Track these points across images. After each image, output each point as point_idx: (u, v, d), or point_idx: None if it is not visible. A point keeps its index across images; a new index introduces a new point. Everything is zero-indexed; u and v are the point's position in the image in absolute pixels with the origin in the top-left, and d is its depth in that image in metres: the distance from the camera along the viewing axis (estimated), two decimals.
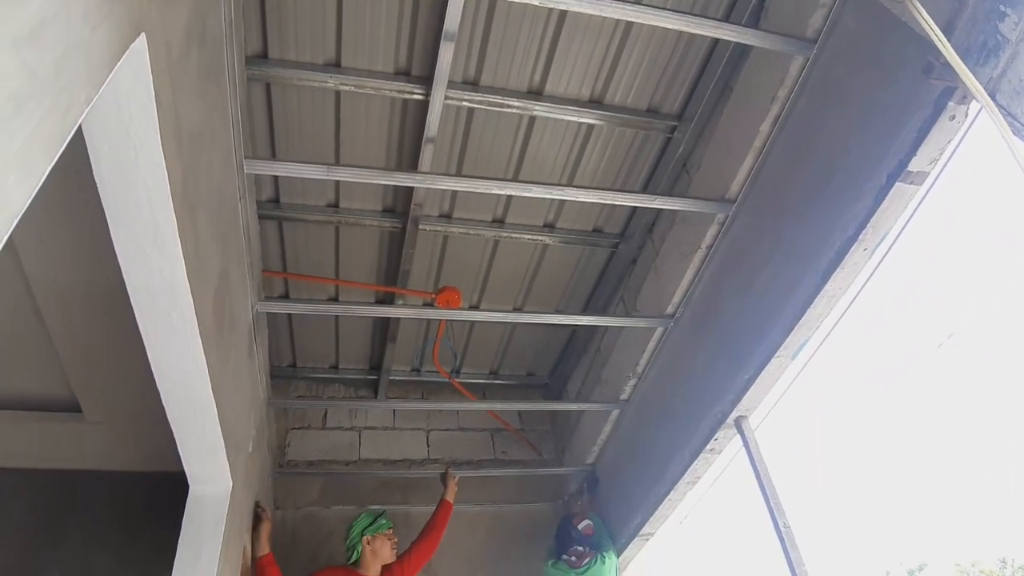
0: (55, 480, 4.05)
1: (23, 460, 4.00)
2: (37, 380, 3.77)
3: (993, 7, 1.92)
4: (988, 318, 4.71)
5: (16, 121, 1.00)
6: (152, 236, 1.87)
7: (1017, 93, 1.91)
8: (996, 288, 7.26)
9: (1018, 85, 1.90)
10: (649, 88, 3.37)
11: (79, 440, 4.02)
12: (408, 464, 4.86)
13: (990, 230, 24.34)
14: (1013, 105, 1.92)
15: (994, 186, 5.20)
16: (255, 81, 3.02)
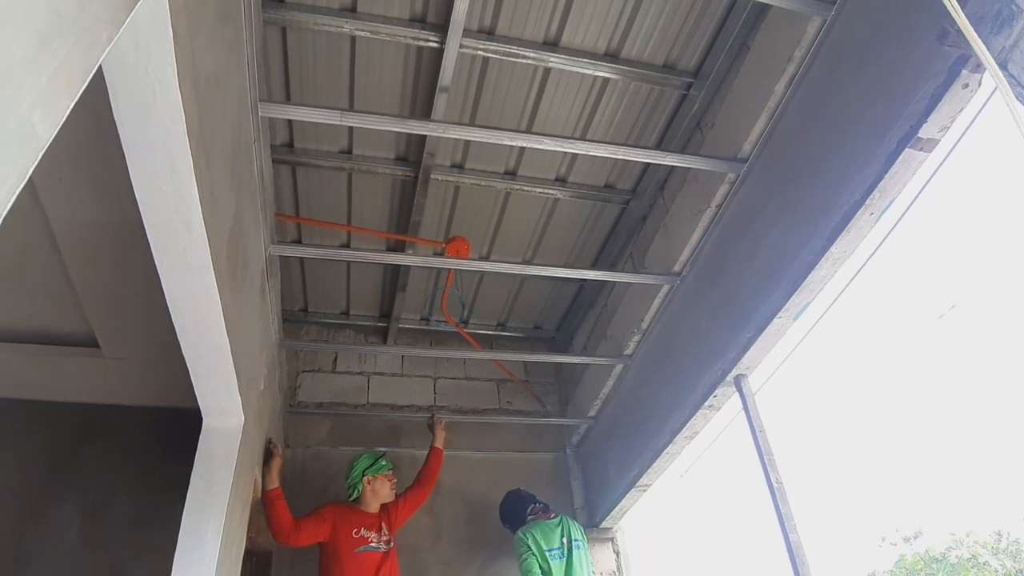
0: (73, 412, 4.16)
1: (42, 392, 4.11)
2: (55, 316, 3.85)
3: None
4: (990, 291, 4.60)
5: (42, 58, 1.04)
6: (168, 174, 1.92)
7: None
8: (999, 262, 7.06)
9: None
10: (666, 43, 3.33)
11: (96, 374, 4.12)
12: (415, 409, 4.98)
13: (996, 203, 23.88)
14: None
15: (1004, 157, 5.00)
16: (271, 24, 3.02)
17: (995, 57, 1.98)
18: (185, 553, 2.65)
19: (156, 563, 3.36)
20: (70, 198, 3.35)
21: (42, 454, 4.02)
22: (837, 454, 29.62)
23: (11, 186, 1.00)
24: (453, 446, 4.84)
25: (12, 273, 3.61)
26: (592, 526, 4.70)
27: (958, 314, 7.86)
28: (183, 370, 2.70)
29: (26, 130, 1.02)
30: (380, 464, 3.86)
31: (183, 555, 2.63)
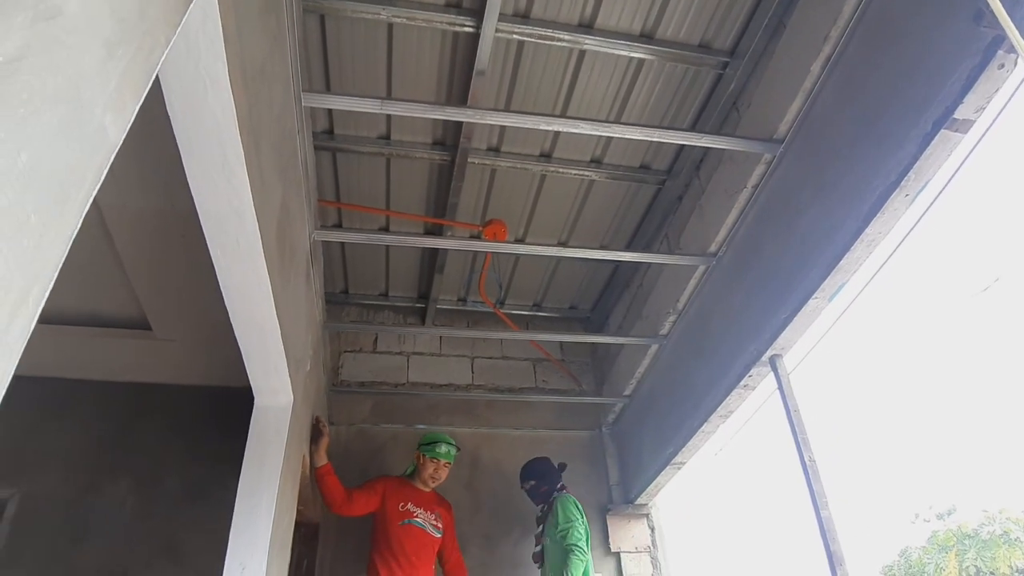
0: (128, 391, 4.36)
1: (97, 372, 4.30)
2: (109, 300, 4.02)
3: None
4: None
5: (110, 64, 1.12)
6: (221, 166, 2.02)
7: None
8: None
9: None
10: (702, 23, 3.32)
11: (149, 355, 4.30)
12: (453, 388, 5.10)
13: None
14: None
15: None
16: (310, 13, 3.09)
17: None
18: (241, 525, 2.78)
19: (206, 534, 3.54)
20: (119, 186, 3.49)
21: (98, 430, 4.22)
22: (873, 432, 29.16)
23: (90, 186, 1.09)
24: (491, 423, 4.96)
25: (66, 259, 3.79)
26: (627, 502, 4.77)
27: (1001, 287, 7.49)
28: (231, 350, 2.83)
29: (100, 135, 1.10)
30: (437, 449, 3.98)
31: (239, 527, 2.77)
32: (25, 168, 0.91)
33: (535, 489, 4.23)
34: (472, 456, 4.76)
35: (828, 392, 12.67)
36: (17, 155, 0.89)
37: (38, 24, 0.92)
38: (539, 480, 4.25)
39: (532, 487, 4.26)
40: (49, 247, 0.99)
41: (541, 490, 4.21)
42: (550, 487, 4.21)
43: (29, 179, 0.92)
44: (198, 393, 4.42)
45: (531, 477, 4.28)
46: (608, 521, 4.74)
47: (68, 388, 4.21)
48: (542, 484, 4.22)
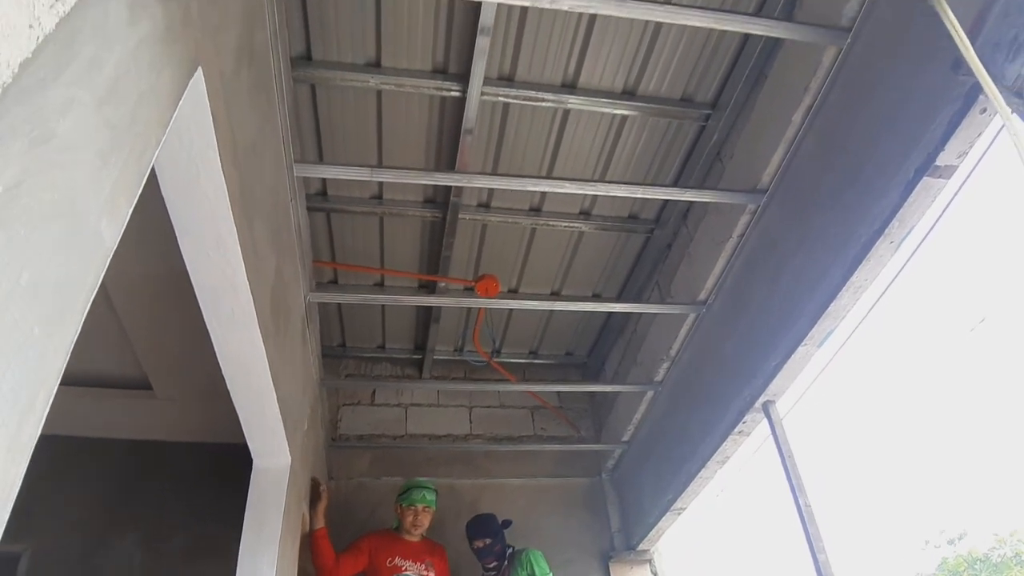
0: (132, 449, 4.46)
1: (101, 431, 4.39)
2: (111, 360, 4.09)
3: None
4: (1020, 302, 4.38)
5: (103, 172, 1.17)
6: (215, 243, 2.07)
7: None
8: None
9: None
10: (683, 78, 3.42)
11: (151, 414, 4.38)
12: (452, 439, 5.09)
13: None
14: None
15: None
16: (300, 83, 3.19)
17: (1010, 85, 1.97)
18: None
19: None
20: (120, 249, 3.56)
21: (105, 487, 4.29)
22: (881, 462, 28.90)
23: (88, 291, 1.13)
24: (490, 473, 4.95)
25: None
26: (629, 548, 4.74)
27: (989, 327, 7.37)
28: (231, 408, 2.86)
29: (96, 241, 1.15)
30: (411, 495, 3.99)
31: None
32: (28, 285, 0.95)
33: (489, 548, 4.12)
34: (473, 507, 4.72)
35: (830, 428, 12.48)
36: (20, 274, 0.94)
37: (34, 149, 0.97)
38: (494, 538, 4.16)
39: (487, 545, 4.13)
40: (53, 355, 1.03)
41: (495, 548, 4.12)
42: (502, 545, 4.16)
43: (32, 295, 0.96)
44: (200, 451, 4.47)
45: (488, 535, 4.16)
46: (611, 568, 4.69)
47: (75, 446, 4.27)
48: (496, 542, 4.15)
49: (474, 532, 4.18)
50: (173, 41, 1.41)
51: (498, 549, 4.11)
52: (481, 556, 4.12)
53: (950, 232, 6.50)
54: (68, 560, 3.96)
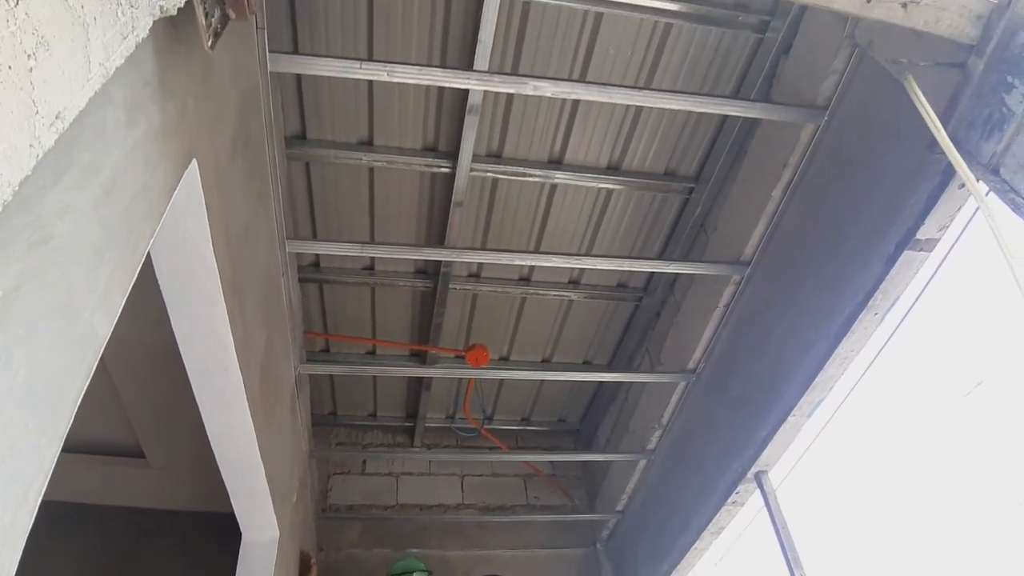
0: (126, 516, 4.46)
1: (94, 497, 4.41)
2: (105, 429, 4.11)
3: (1000, 79, 1.87)
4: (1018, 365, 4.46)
5: (98, 269, 1.21)
6: (206, 324, 2.10)
7: (1021, 167, 1.84)
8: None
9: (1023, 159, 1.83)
10: (665, 153, 3.52)
11: (143, 482, 4.38)
12: (443, 509, 5.02)
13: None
14: (1016, 180, 1.83)
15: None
16: (295, 160, 3.28)
17: (985, 162, 1.96)
18: None
19: None
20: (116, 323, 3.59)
21: (101, 553, 4.29)
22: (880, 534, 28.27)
23: (82, 382, 1.15)
24: (483, 545, 4.86)
25: None
26: None
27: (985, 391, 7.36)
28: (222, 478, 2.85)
29: (89, 335, 1.18)
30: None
31: None
32: (24, 382, 0.98)
33: None
34: None
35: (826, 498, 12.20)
36: (17, 372, 0.96)
37: (33, 252, 1.01)
38: None
39: None
40: (46, 447, 1.05)
41: None
42: None
43: (28, 391, 0.99)
44: (193, 518, 4.49)
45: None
46: None
47: (72, 512, 4.28)
48: None
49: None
50: (169, 138, 1.46)
51: None
52: None
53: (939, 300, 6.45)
54: None
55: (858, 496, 4.33)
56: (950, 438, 3.81)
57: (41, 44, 0.82)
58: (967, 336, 3.79)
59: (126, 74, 1.19)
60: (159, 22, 1.20)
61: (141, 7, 1.08)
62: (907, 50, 2.17)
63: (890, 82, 2.40)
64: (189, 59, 1.54)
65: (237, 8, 1.37)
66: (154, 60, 1.33)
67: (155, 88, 1.36)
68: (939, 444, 4.02)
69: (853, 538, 4.51)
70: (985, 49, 1.82)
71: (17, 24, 0.76)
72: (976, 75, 1.91)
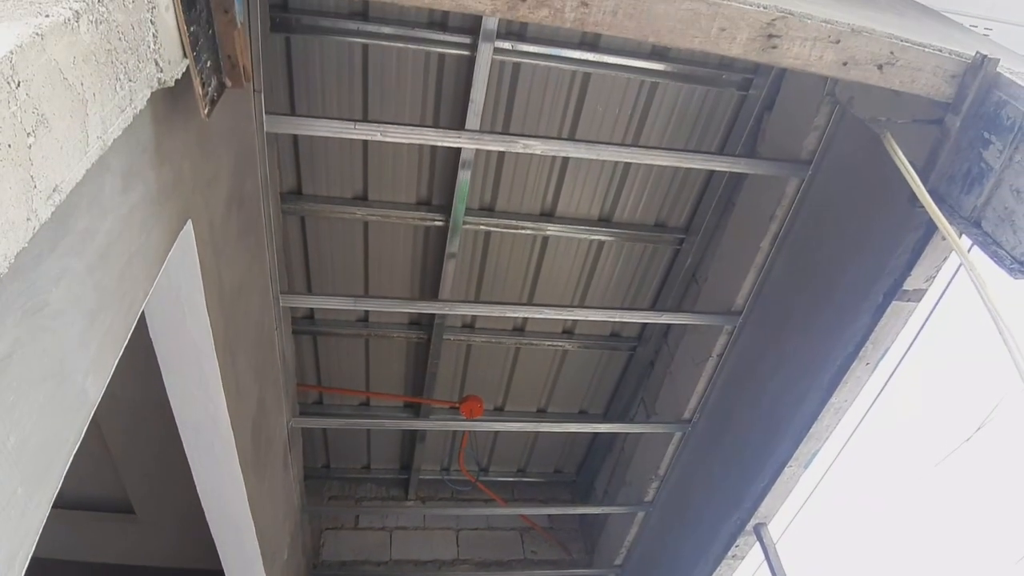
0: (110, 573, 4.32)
1: (82, 554, 4.30)
2: (94, 484, 4.04)
3: (977, 135, 1.91)
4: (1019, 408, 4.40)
5: (91, 332, 1.21)
6: (198, 381, 2.10)
7: (1001, 221, 1.87)
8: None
9: (1003, 213, 1.87)
10: (655, 205, 3.58)
11: (132, 538, 4.29)
12: (438, 565, 4.92)
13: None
14: (998, 233, 1.88)
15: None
16: (290, 215, 3.32)
17: (967, 215, 2.00)
18: None
19: None
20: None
21: None
22: None
23: (71, 446, 1.15)
24: None
25: None
26: None
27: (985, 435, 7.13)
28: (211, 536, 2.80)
29: (80, 398, 1.18)
30: None
31: None
32: (13, 448, 0.98)
33: None
34: None
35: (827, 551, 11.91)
36: (7, 438, 0.96)
37: (27, 320, 1.02)
38: None
39: None
40: (34, 512, 1.05)
41: None
42: None
43: (17, 457, 0.98)
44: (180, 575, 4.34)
45: None
46: None
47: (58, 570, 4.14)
48: None
49: None
50: (165, 201, 1.49)
51: None
52: None
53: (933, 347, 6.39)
54: None
55: (858, 547, 4.27)
56: (950, 488, 3.79)
57: (41, 122, 0.85)
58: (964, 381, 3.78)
59: (124, 144, 1.22)
60: (156, 92, 1.23)
61: (139, 80, 1.12)
62: (886, 108, 2.23)
63: (871, 137, 2.44)
64: (186, 125, 1.58)
65: (234, 78, 1.42)
66: (151, 128, 1.36)
67: (152, 154, 1.39)
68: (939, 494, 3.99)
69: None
70: (961, 107, 1.87)
71: (18, 104, 0.79)
72: (954, 131, 1.95)
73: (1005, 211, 1.85)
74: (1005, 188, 1.85)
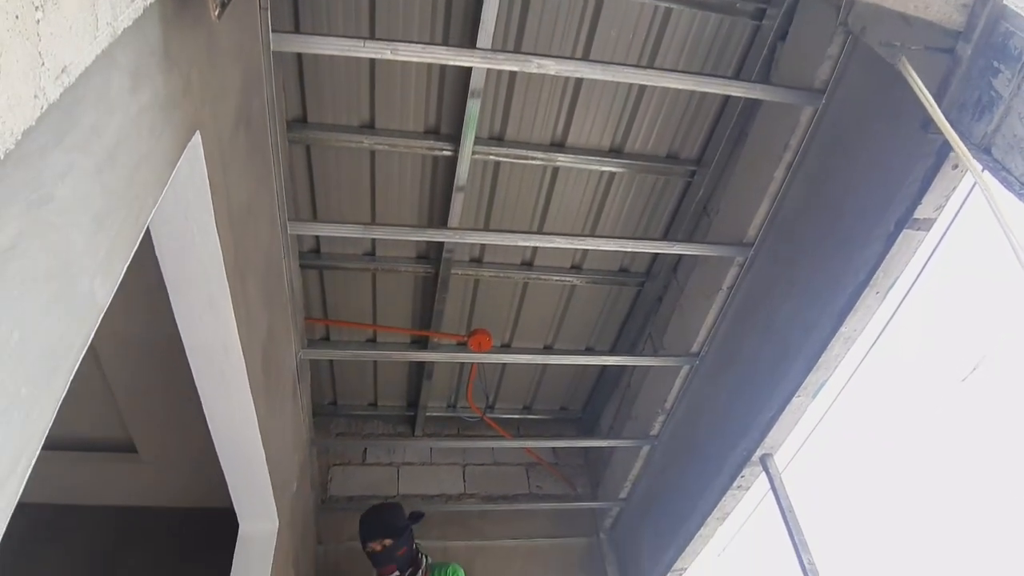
0: (115, 515, 4.32)
1: (83, 497, 4.27)
2: (96, 423, 4.02)
3: (987, 63, 1.92)
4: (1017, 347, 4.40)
5: (99, 235, 1.18)
6: (208, 303, 2.08)
7: (1011, 148, 1.90)
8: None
9: (1012, 140, 1.87)
10: (667, 136, 3.50)
11: (135, 478, 4.28)
12: (445, 499, 5.00)
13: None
14: (1008, 159, 1.93)
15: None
16: (296, 144, 3.25)
17: (977, 143, 2.04)
18: None
19: None
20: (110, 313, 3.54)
21: (87, 555, 4.15)
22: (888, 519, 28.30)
23: (78, 351, 1.13)
24: (485, 535, 4.84)
25: None
26: None
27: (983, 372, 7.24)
28: (216, 472, 2.82)
29: (88, 301, 1.16)
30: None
31: None
32: (17, 345, 0.95)
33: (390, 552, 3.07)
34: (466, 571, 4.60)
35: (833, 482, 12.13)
36: (10, 335, 0.94)
37: (32, 212, 0.98)
38: (398, 538, 3.12)
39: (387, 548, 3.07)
40: (38, 417, 1.02)
41: (399, 552, 3.10)
42: (410, 547, 3.18)
43: (20, 356, 0.96)
44: (185, 516, 4.37)
45: (388, 533, 3.12)
46: None
47: (57, 513, 4.17)
48: (401, 543, 3.12)
49: (369, 531, 3.19)
50: (173, 108, 1.44)
51: (403, 554, 3.13)
52: (379, 563, 3.15)
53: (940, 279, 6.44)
54: None
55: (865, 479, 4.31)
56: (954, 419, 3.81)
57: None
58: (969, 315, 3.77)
59: (132, 39, 1.17)
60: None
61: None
62: (898, 36, 2.21)
63: (883, 67, 2.42)
64: (194, 31, 1.52)
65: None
66: (160, 28, 1.31)
67: (160, 57, 1.34)
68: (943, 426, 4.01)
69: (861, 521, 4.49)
70: (972, 36, 1.87)
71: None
72: (965, 60, 1.96)
73: (1014, 138, 1.88)
74: (1014, 116, 1.86)
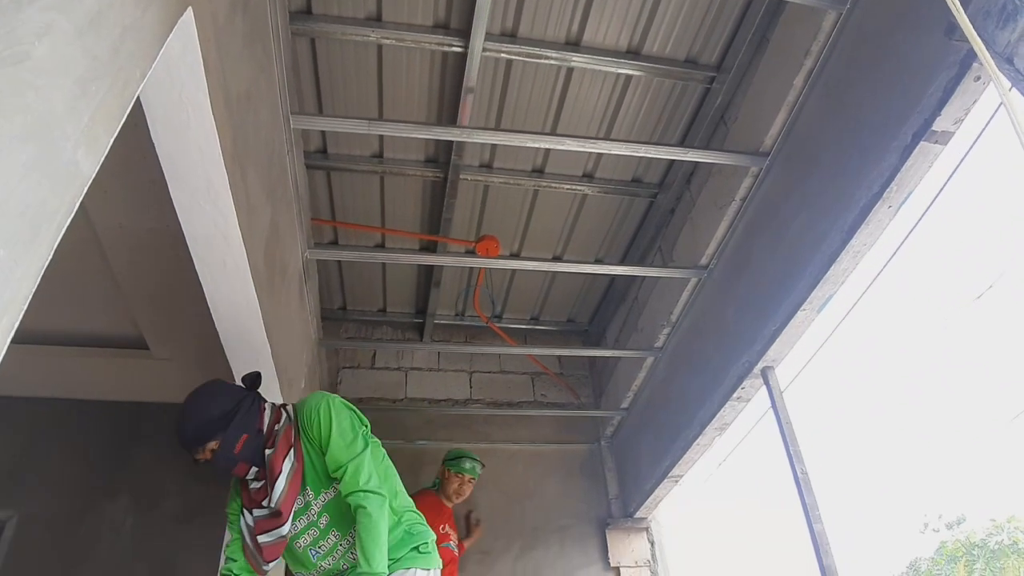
0: (124, 411, 4.35)
1: (94, 392, 4.31)
2: (106, 319, 4.05)
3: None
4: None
5: (82, 101, 1.15)
6: (205, 190, 2.06)
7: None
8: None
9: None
10: (687, 38, 3.35)
11: (146, 374, 4.33)
12: (451, 403, 5.11)
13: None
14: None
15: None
16: (300, 36, 3.14)
17: (1000, 51, 1.98)
18: None
19: (204, 553, 3.57)
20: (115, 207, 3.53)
21: (95, 451, 4.20)
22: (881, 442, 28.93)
23: (61, 220, 1.12)
24: (489, 438, 4.97)
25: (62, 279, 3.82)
26: (627, 516, 4.77)
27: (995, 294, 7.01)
28: (227, 368, 2.86)
29: (71, 169, 1.13)
30: (462, 465, 3.99)
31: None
32: None
33: (225, 451, 2.23)
34: None
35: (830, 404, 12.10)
36: None
37: (5, 69, 0.95)
38: (223, 432, 2.26)
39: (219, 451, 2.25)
40: (20, 280, 1.02)
41: (236, 448, 2.25)
42: (251, 429, 2.29)
43: None
44: None
45: (208, 435, 2.29)
46: (608, 535, 4.73)
47: (65, 408, 4.21)
48: (233, 434, 2.25)
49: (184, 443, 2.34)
50: None
51: (245, 443, 2.25)
52: (219, 470, 2.30)
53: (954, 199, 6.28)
54: (56, 525, 3.86)
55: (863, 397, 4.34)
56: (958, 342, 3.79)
57: None
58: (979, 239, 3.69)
59: None
60: None
61: None
62: None
63: None
64: None
65: None
66: None
67: None
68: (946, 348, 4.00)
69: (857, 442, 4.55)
70: None
71: None
72: None
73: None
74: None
